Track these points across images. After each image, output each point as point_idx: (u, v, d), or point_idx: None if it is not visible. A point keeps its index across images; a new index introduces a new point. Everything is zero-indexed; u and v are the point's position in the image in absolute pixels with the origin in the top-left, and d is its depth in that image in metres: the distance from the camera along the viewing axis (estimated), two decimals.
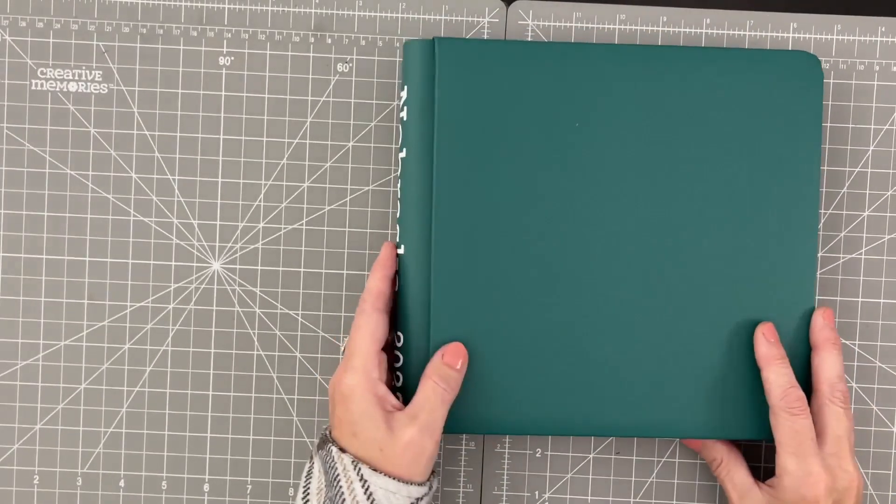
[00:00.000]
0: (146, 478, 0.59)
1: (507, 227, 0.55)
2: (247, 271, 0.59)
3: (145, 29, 0.59)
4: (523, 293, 0.55)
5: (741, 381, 0.55)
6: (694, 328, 0.55)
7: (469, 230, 0.55)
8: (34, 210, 0.59)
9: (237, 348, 0.59)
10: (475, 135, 0.55)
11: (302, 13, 0.59)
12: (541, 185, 0.55)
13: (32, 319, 0.59)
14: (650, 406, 0.55)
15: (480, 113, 0.55)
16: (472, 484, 0.59)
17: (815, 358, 0.54)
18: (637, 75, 0.55)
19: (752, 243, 0.55)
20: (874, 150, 0.59)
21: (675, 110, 0.55)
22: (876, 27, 0.59)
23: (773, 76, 0.55)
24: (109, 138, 0.59)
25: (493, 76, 0.55)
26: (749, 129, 0.55)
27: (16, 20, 0.59)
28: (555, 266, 0.55)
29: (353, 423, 0.51)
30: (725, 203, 0.55)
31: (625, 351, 0.55)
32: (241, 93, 0.59)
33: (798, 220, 0.55)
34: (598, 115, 0.55)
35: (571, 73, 0.55)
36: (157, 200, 0.59)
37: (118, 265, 0.59)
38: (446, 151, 0.55)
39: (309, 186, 0.59)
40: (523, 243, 0.55)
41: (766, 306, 0.55)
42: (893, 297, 0.59)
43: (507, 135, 0.55)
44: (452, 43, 0.55)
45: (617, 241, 0.55)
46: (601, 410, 0.55)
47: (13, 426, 0.59)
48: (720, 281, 0.55)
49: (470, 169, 0.55)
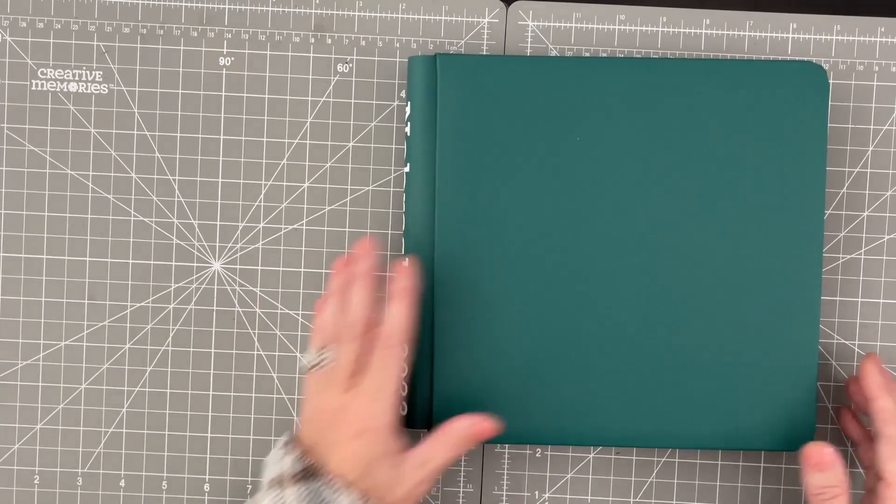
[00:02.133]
0: (146, 478, 0.59)
1: (510, 240, 0.55)
2: (247, 271, 0.59)
3: (145, 29, 0.59)
4: (527, 306, 0.55)
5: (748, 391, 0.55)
6: (699, 340, 0.55)
7: (472, 243, 0.55)
8: (34, 210, 0.59)
9: (237, 348, 0.59)
10: (477, 150, 0.55)
11: (302, 13, 0.59)
12: (543, 199, 0.55)
13: (33, 319, 0.59)
14: (655, 417, 0.55)
15: (482, 128, 0.55)
16: (472, 484, 0.59)
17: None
18: (640, 89, 0.55)
19: (756, 255, 0.55)
20: (874, 151, 0.59)
21: (678, 124, 0.55)
22: (876, 27, 0.59)
23: (778, 88, 0.55)
24: (110, 138, 0.59)
25: (494, 91, 0.55)
26: (754, 141, 0.55)
27: (16, 20, 0.59)
28: (558, 279, 0.55)
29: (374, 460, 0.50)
30: (729, 216, 0.55)
31: (630, 362, 0.55)
32: (241, 93, 0.59)
33: (803, 234, 0.55)
34: (601, 129, 0.55)
35: (573, 87, 0.55)
36: (158, 200, 0.59)
37: (118, 265, 0.59)
38: (448, 166, 0.55)
39: (309, 187, 0.59)
40: (526, 256, 0.55)
41: (770, 314, 0.55)
42: (893, 297, 0.59)
43: (508, 149, 0.55)
44: (454, 59, 0.55)
45: (621, 254, 0.55)
46: (607, 421, 0.55)
47: (13, 426, 0.59)
48: (725, 293, 0.55)
49: (472, 183, 0.55)
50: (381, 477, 0.50)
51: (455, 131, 0.55)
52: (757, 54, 0.59)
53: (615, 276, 0.55)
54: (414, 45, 0.59)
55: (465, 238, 0.55)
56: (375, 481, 0.50)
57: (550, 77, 0.55)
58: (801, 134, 0.55)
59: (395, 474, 0.50)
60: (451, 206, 0.55)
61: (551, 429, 0.55)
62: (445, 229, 0.55)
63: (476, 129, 0.55)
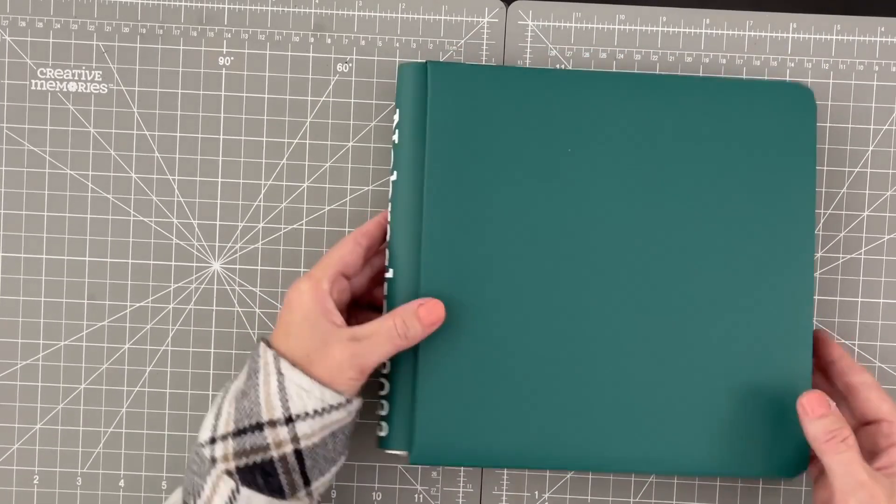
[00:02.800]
0: (146, 478, 0.59)
1: (498, 254, 0.54)
2: (247, 271, 0.59)
3: (145, 29, 0.59)
4: (514, 323, 0.54)
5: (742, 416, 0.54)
6: (692, 364, 0.54)
7: (459, 256, 0.54)
8: (34, 210, 0.59)
9: (237, 348, 0.59)
10: (466, 159, 0.54)
11: (302, 13, 0.59)
12: (532, 211, 0.54)
13: (32, 319, 0.59)
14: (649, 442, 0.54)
15: (472, 137, 0.54)
16: (472, 484, 0.59)
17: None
18: (630, 103, 0.54)
19: (746, 277, 0.54)
20: (874, 150, 0.59)
21: (668, 139, 0.54)
22: (876, 27, 0.59)
23: (766, 108, 0.55)
24: (109, 138, 0.59)
25: (485, 101, 0.54)
26: (742, 161, 0.54)
27: (16, 20, 0.59)
28: (547, 296, 0.54)
29: (291, 324, 0.51)
30: (719, 236, 0.54)
31: (621, 385, 0.54)
32: (240, 93, 0.59)
33: (794, 253, 0.54)
34: (591, 142, 0.54)
35: (564, 99, 0.54)
36: (157, 200, 0.59)
37: (118, 265, 0.59)
38: (437, 176, 0.54)
39: (309, 186, 0.59)
40: (514, 272, 0.54)
41: (762, 336, 0.54)
42: (893, 297, 0.59)
43: (498, 160, 0.54)
44: (445, 67, 0.54)
45: (610, 267, 0.54)
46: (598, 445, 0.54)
47: (13, 426, 0.59)
48: (716, 317, 0.54)
49: (461, 194, 0.54)
50: (301, 342, 0.51)
51: (445, 140, 0.54)
52: (757, 54, 0.59)
53: (604, 293, 0.54)
54: (414, 44, 0.59)
55: (451, 251, 0.54)
56: (294, 345, 0.51)
57: (543, 89, 0.54)
58: (790, 155, 0.55)
59: (316, 343, 0.50)
60: (438, 217, 0.53)
61: (538, 452, 0.54)
62: (432, 241, 0.53)
63: (466, 139, 0.54)
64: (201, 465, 0.50)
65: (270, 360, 0.50)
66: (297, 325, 0.51)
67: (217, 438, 0.50)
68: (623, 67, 0.59)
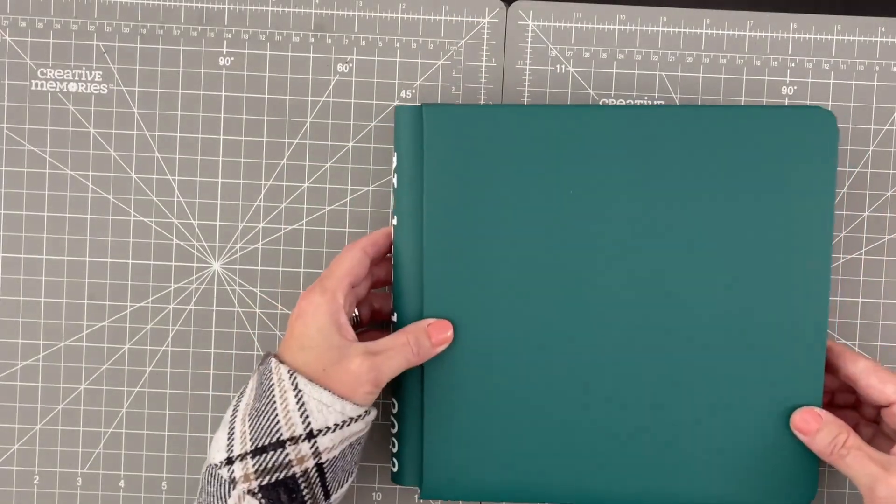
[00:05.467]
0: (146, 478, 0.59)
1: (501, 296, 0.53)
2: (247, 271, 0.59)
3: (145, 29, 0.59)
4: (519, 361, 0.54)
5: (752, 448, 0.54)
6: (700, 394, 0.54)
7: (462, 300, 0.53)
8: (34, 210, 0.59)
9: (237, 348, 0.59)
10: (465, 201, 0.53)
11: (302, 13, 0.59)
12: (534, 254, 0.53)
13: (32, 319, 0.59)
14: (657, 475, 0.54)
15: (470, 179, 0.53)
16: None
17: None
18: (635, 138, 0.53)
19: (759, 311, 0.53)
20: (874, 151, 0.59)
21: (678, 174, 0.53)
22: (876, 27, 0.59)
23: (785, 135, 0.53)
24: (109, 138, 0.59)
25: (481, 141, 0.53)
26: (759, 190, 0.53)
27: (16, 20, 0.59)
28: (551, 335, 0.53)
29: (305, 336, 0.51)
30: (734, 266, 0.53)
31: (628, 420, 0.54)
32: (241, 93, 0.59)
33: (809, 281, 0.53)
34: (595, 180, 0.53)
35: (566, 137, 0.53)
36: (157, 201, 0.59)
37: (118, 265, 0.59)
38: (436, 220, 0.53)
39: (309, 187, 0.59)
40: (518, 313, 0.53)
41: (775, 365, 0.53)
42: (893, 298, 0.59)
43: (497, 201, 0.53)
44: (439, 109, 0.53)
45: (617, 307, 0.53)
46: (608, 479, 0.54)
47: (13, 426, 0.59)
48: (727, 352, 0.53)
49: (460, 236, 0.53)
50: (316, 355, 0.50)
51: (442, 183, 0.53)
52: (757, 54, 0.59)
53: (611, 332, 0.53)
54: (414, 44, 0.59)
55: (454, 294, 0.53)
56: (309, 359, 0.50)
57: (541, 127, 0.53)
58: (810, 181, 0.53)
59: (332, 355, 0.50)
60: (438, 261, 0.53)
61: (545, 486, 0.54)
62: (434, 286, 0.53)
63: (464, 181, 0.53)
64: (219, 487, 0.50)
65: (285, 376, 0.50)
66: (311, 338, 0.51)
67: (234, 459, 0.50)
68: (623, 68, 0.59)
